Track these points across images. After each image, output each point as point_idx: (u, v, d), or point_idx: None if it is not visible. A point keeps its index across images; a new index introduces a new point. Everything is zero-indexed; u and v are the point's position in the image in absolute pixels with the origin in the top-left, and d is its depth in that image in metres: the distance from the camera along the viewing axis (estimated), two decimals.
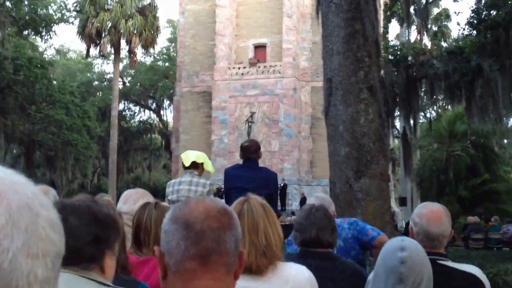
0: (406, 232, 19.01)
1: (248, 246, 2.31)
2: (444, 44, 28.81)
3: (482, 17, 16.65)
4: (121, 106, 48.55)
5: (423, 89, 20.35)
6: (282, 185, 29.17)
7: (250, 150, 6.06)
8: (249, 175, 5.84)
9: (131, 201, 3.31)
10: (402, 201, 29.72)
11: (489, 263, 10.32)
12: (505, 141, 35.44)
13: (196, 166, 5.96)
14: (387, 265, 2.37)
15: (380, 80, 11.02)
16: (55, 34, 59.42)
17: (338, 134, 10.16)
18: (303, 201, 27.71)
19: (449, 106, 28.61)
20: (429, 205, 3.09)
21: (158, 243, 1.45)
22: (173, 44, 49.97)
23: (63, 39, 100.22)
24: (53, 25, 35.87)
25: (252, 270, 2.31)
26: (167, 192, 6.03)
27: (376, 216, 9.31)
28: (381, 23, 18.28)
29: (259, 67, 31.95)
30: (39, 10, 34.05)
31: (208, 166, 6.14)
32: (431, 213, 2.98)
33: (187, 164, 5.93)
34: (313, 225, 3.07)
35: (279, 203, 27.30)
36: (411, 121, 21.21)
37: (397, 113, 21.03)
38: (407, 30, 25.72)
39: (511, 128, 32.04)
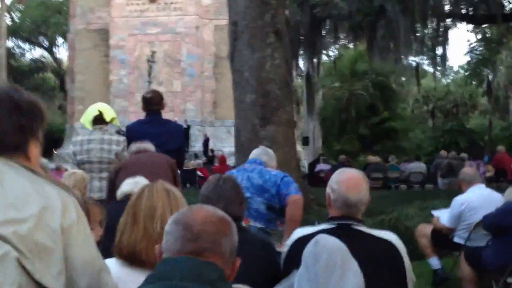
0: (310, 174, 19.28)
1: (142, 233, 2.25)
2: None
3: None
4: (10, 44, 45.69)
5: (327, 28, 20.24)
6: (185, 127, 28.69)
7: (153, 102, 5.72)
8: (154, 131, 5.48)
9: None
10: (305, 141, 30.17)
11: (389, 207, 10.57)
12: (403, 78, 36.54)
13: (105, 121, 5.56)
14: (304, 256, 2.44)
15: (287, 23, 10.77)
16: None
17: (243, 80, 9.91)
18: (206, 142, 27.47)
19: (351, 45, 28.94)
20: (348, 172, 3.03)
21: None
22: None
23: None
24: None
25: (142, 259, 2.22)
26: (73, 151, 5.52)
27: (282, 163, 9.06)
28: None
29: (160, 3, 30.62)
30: None
31: (116, 121, 5.78)
32: (350, 180, 2.90)
33: (108, 118, 5.53)
34: (220, 198, 2.92)
35: None
36: (315, 61, 21.22)
37: (300, 53, 20.91)
38: None
39: (409, 66, 33.03)
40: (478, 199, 5.72)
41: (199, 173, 18.10)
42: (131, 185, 3.89)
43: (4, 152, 1.63)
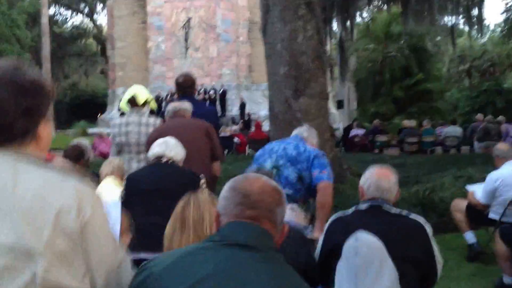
0: (345, 136, 19.50)
1: (193, 237, 2.36)
2: None
3: None
4: (52, 11, 46.42)
5: None
6: (221, 91, 29.21)
7: (186, 86, 5.87)
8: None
9: None
10: (339, 104, 30.33)
11: (424, 175, 10.56)
12: (438, 37, 36.00)
13: (144, 103, 5.71)
14: (345, 248, 2.70)
15: None
16: None
17: (276, 52, 10.00)
18: (242, 106, 27.93)
19: (385, 7, 28.74)
20: (379, 166, 3.41)
21: None
22: None
23: None
24: None
25: None
26: (113, 133, 5.68)
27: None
28: None
29: None
30: None
31: (152, 103, 5.96)
32: (381, 171, 3.29)
33: (140, 102, 5.65)
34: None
35: (220, 110, 27.43)
36: (348, 26, 21.28)
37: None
38: None
39: (444, 26, 32.59)
40: None
41: (236, 139, 18.50)
42: (162, 146, 4.00)
43: (14, 141, 1.53)
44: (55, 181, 1.52)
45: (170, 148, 4.01)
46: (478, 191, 6.08)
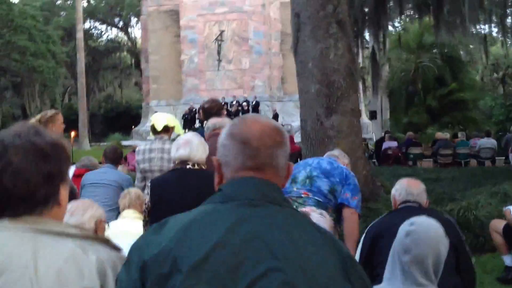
0: (377, 149, 19.41)
1: None
2: None
3: None
4: (87, 25, 47.34)
5: (391, 5, 20.25)
6: (254, 103, 29.42)
7: (212, 112, 5.74)
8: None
9: (79, 212, 3.13)
10: (372, 115, 30.20)
11: (459, 191, 10.42)
12: (471, 46, 35.64)
13: (166, 129, 5.75)
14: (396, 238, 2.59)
15: (349, 13, 10.89)
16: None
17: (307, 71, 10.02)
18: (275, 118, 28.03)
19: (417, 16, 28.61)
20: (407, 178, 3.64)
21: None
22: None
23: None
24: None
25: None
26: (137, 159, 5.76)
27: (348, 153, 9.59)
28: None
29: None
30: None
31: (179, 129, 5.96)
32: (410, 180, 3.51)
33: (159, 128, 5.70)
34: None
35: None
36: (380, 37, 21.25)
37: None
38: None
39: (478, 34, 32.24)
40: None
41: None
42: (186, 149, 3.93)
43: (35, 208, 1.49)
44: (77, 256, 1.46)
45: (194, 150, 3.96)
46: None
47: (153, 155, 5.61)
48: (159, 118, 5.81)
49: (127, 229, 4.45)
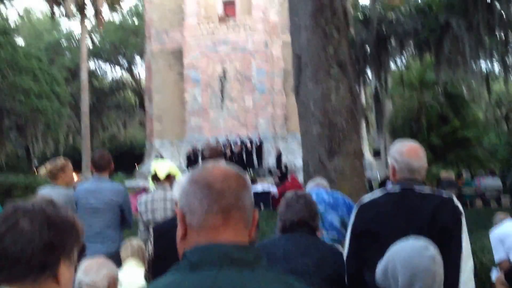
0: (383, 182, 19.27)
1: None
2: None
3: None
4: (92, 65, 47.91)
5: (392, 45, 20.42)
6: (258, 143, 29.39)
7: (211, 158, 5.41)
8: None
9: (93, 270, 3.09)
10: (376, 153, 30.12)
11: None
12: (473, 82, 35.72)
13: (168, 177, 5.79)
14: (414, 264, 2.50)
15: (350, 54, 10.93)
16: None
17: (309, 112, 10.02)
18: (278, 157, 27.98)
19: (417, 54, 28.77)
20: (405, 142, 3.42)
21: None
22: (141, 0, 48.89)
23: (27, 1, 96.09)
24: None
25: None
26: (140, 211, 5.75)
27: (351, 195, 9.47)
28: None
29: (229, 23, 31.60)
30: None
31: (178, 175, 6.08)
32: (410, 150, 3.29)
33: (162, 177, 5.74)
34: (294, 215, 3.31)
35: (256, 162, 27.53)
36: (382, 77, 21.38)
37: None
38: None
39: (479, 71, 32.37)
40: None
41: (272, 190, 18.52)
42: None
43: (30, 275, 1.46)
44: None
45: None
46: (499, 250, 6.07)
47: (156, 205, 5.62)
48: (161, 167, 5.91)
49: (130, 280, 4.45)
